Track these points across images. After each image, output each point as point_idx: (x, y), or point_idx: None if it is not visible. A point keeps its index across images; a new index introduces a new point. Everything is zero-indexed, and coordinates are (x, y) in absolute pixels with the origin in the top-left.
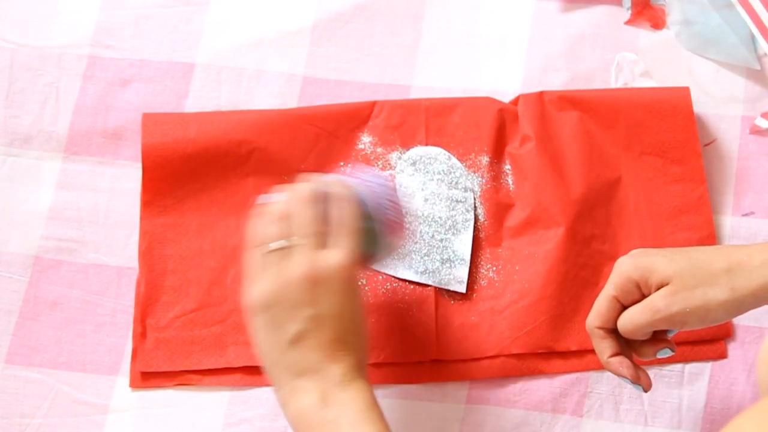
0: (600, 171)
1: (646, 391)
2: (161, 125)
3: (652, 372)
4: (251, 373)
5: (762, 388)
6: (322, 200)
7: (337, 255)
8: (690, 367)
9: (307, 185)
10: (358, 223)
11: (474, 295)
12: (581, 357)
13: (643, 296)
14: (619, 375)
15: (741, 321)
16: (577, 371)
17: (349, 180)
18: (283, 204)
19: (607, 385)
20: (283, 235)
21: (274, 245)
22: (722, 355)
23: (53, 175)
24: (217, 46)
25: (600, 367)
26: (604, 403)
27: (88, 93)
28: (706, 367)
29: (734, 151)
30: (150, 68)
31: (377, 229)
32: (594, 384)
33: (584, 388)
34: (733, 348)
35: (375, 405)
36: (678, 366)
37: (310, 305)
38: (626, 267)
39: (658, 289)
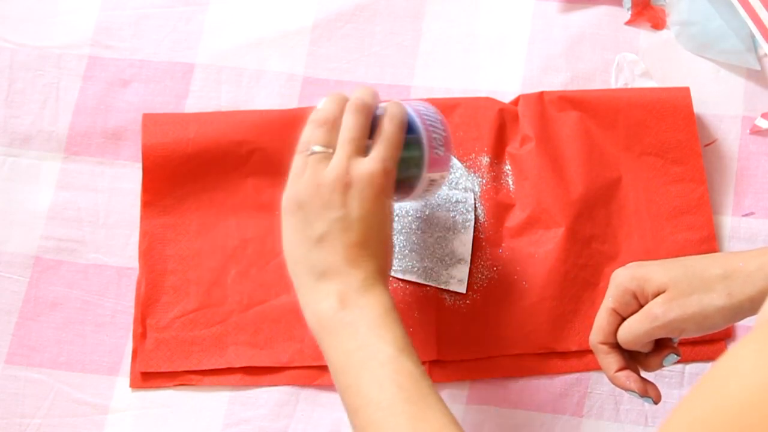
0: (600, 171)
1: (656, 403)
2: (161, 125)
3: (652, 372)
4: (251, 373)
5: (758, 322)
6: (373, 114)
7: (372, 163)
8: (690, 367)
9: (361, 95)
10: (401, 143)
11: (474, 296)
12: (581, 357)
13: (641, 306)
14: (627, 389)
15: (741, 321)
16: (577, 371)
17: (406, 105)
18: (331, 111)
19: (607, 385)
20: (325, 141)
21: (314, 149)
22: None
23: (53, 175)
24: (217, 46)
25: (600, 367)
26: (604, 404)
27: (88, 93)
28: (706, 368)
29: (734, 151)
30: (150, 68)
31: (422, 158)
32: (594, 384)
33: (584, 388)
34: None
35: (393, 310)
36: (678, 366)
37: (340, 207)
38: (622, 278)
39: (655, 297)
